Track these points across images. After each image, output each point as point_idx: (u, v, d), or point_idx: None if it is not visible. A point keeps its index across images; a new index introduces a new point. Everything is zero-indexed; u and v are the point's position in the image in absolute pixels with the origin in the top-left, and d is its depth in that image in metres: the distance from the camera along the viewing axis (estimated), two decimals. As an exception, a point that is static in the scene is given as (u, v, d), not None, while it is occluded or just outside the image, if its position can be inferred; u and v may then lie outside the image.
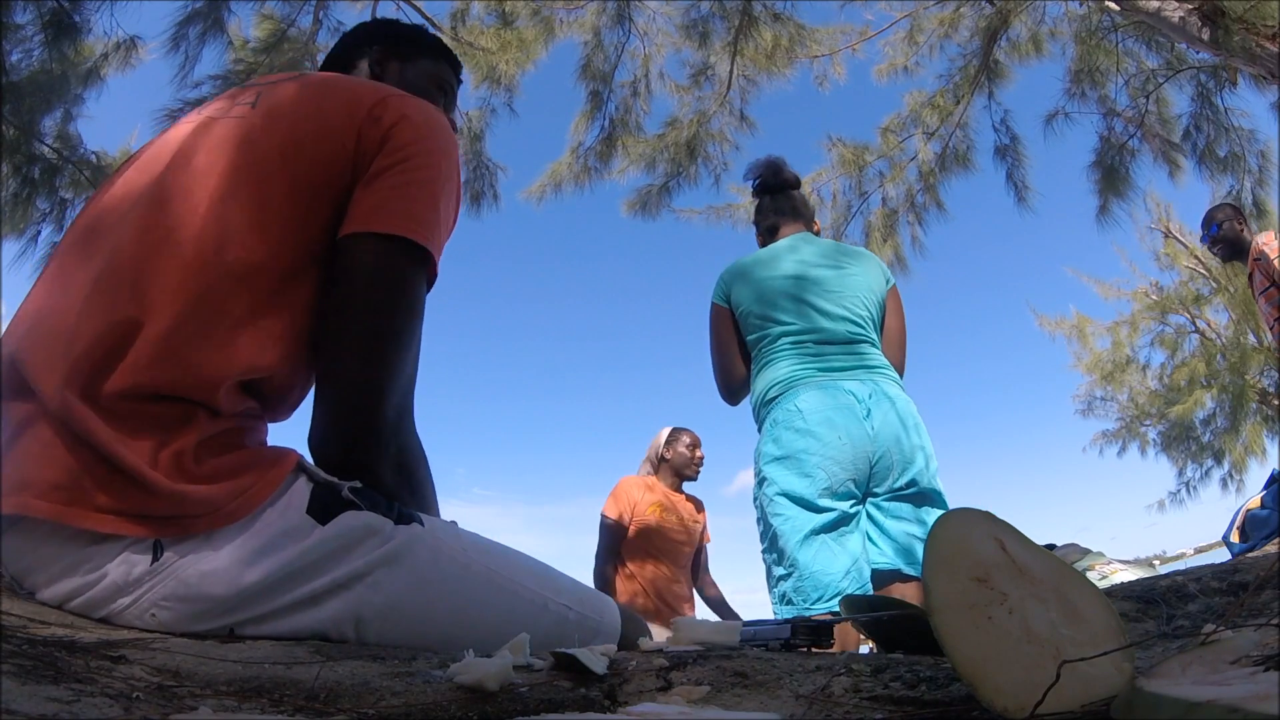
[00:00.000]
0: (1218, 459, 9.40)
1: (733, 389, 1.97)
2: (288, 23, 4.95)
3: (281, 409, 0.89)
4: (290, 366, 0.83)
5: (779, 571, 1.71)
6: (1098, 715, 0.42)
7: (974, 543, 0.51)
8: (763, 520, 1.78)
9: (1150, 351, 9.99)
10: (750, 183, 2.15)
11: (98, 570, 0.70)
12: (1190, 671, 0.42)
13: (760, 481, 1.79)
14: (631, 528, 3.09)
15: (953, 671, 0.53)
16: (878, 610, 0.87)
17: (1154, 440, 9.87)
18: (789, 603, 1.68)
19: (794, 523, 1.68)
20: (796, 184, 2.13)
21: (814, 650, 0.79)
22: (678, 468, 3.26)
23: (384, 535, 0.77)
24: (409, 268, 0.84)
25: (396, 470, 0.84)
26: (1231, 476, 9.32)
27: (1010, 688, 0.43)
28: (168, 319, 0.74)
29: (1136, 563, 1.94)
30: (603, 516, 3.15)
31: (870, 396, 1.76)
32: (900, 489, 1.74)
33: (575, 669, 0.60)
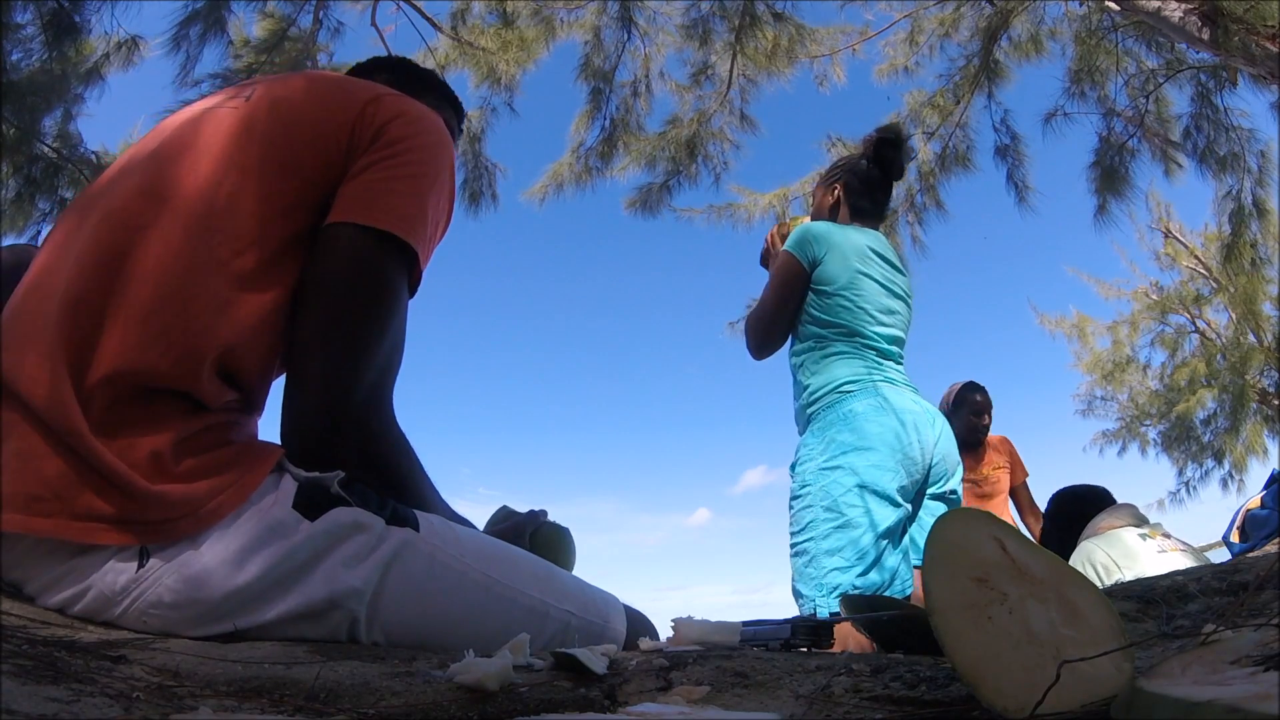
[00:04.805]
0: (1218, 459, 9.38)
1: (768, 350, 1.99)
2: (288, 22, 4.96)
3: (257, 399, 0.87)
4: (264, 350, 0.81)
5: (837, 563, 1.64)
6: (1098, 715, 0.42)
7: (974, 543, 0.51)
8: (825, 509, 1.69)
9: (1150, 351, 10.02)
10: (886, 148, 2.02)
11: (84, 581, 0.68)
12: (1190, 671, 0.42)
13: (831, 469, 1.72)
14: None
15: (953, 671, 0.53)
16: (878, 610, 0.87)
17: (1154, 440, 9.87)
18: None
19: (873, 516, 1.65)
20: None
21: (814, 650, 0.79)
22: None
23: (374, 534, 0.76)
24: (384, 260, 0.83)
25: (365, 462, 0.81)
26: (1231, 476, 9.30)
27: (1010, 688, 0.43)
28: (154, 284, 0.73)
29: (1189, 550, 1.96)
30: None
31: (928, 409, 1.85)
32: (943, 494, 1.85)
33: (575, 669, 0.60)
